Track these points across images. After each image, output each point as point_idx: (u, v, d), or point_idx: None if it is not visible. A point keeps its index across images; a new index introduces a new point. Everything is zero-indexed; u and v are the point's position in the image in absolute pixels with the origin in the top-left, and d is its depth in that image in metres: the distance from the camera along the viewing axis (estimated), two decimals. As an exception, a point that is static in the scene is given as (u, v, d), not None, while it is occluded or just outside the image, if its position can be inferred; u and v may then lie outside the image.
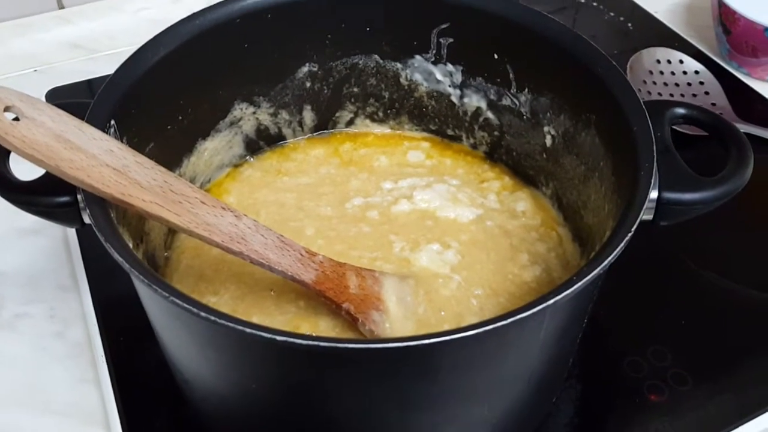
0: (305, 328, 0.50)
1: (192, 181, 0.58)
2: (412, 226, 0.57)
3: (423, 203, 0.59)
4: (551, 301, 0.34)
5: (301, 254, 0.47)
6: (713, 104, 0.80)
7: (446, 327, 0.50)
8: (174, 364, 0.46)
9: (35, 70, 0.83)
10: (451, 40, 0.58)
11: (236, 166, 0.62)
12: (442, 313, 0.51)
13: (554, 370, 0.46)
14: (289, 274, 0.46)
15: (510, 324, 0.33)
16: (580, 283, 0.34)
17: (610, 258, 0.36)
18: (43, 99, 0.76)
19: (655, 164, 0.41)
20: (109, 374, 0.55)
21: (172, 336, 0.42)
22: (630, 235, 0.37)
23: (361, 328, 0.48)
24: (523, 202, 0.59)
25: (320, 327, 0.50)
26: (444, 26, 0.57)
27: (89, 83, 0.80)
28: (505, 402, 0.43)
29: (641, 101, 0.45)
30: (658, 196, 0.43)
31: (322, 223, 0.57)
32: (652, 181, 0.40)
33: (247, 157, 0.63)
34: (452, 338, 0.32)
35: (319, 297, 0.48)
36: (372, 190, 0.60)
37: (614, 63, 0.48)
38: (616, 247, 0.36)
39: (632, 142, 0.43)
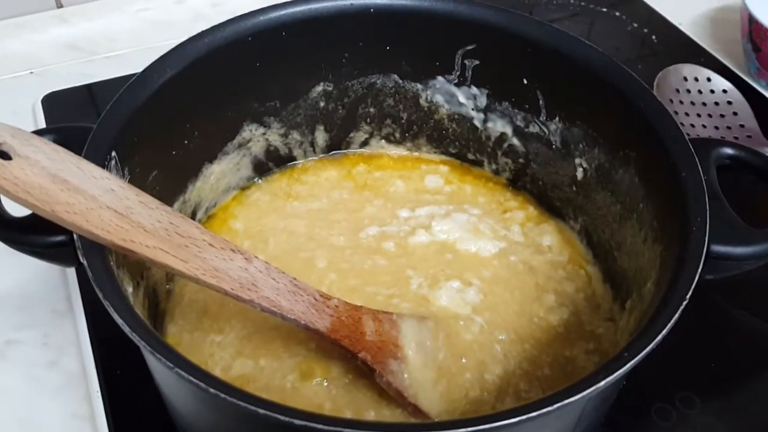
0: (317, 374, 0.47)
1: (197, 206, 0.55)
2: (430, 259, 0.54)
3: (442, 234, 0.55)
4: (602, 383, 0.30)
5: (315, 299, 0.44)
6: (741, 125, 0.76)
7: (468, 376, 0.47)
8: (175, 417, 0.43)
9: (31, 72, 0.79)
10: (477, 62, 0.54)
11: (243, 188, 0.59)
12: (464, 360, 0.48)
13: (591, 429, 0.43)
14: (303, 322, 0.42)
15: (555, 409, 0.30)
16: (633, 361, 0.31)
17: (665, 330, 0.32)
18: (39, 104, 0.73)
19: (707, 217, 0.38)
20: (104, 411, 0.51)
21: (177, 396, 0.38)
22: (685, 303, 0.33)
23: (378, 380, 0.44)
24: (549, 235, 0.56)
25: (332, 372, 0.47)
26: (470, 47, 0.53)
27: (88, 88, 0.76)
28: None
29: (689, 143, 0.42)
30: (707, 249, 0.39)
31: (335, 254, 0.54)
32: (707, 239, 0.37)
33: (256, 179, 0.59)
34: (499, 425, 0.29)
35: (333, 346, 0.45)
36: (388, 219, 0.57)
37: (658, 98, 0.44)
38: (671, 317, 0.33)
39: (680, 190, 0.40)
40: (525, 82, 0.53)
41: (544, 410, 0.29)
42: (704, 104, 0.77)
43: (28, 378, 0.54)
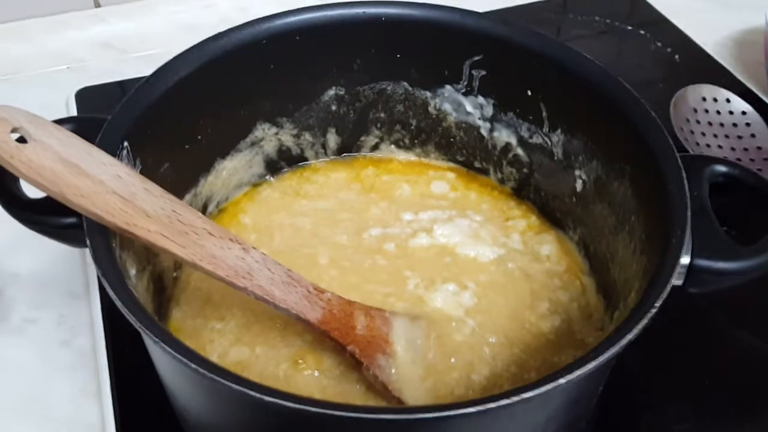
0: (309, 362, 0.48)
1: (208, 200, 0.57)
2: (429, 262, 0.55)
3: (443, 238, 0.57)
4: (562, 380, 0.31)
5: (309, 291, 0.46)
6: (759, 148, 0.76)
7: (455, 375, 0.49)
8: (176, 407, 0.45)
9: (68, 68, 0.82)
10: (483, 72, 0.56)
11: (255, 185, 0.61)
12: (452, 360, 0.49)
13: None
14: (294, 312, 0.44)
15: (515, 402, 0.31)
16: (595, 362, 0.32)
17: (630, 335, 0.33)
18: (73, 97, 0.77)
19: (688, 230, 0.39)
20: (110, 389, 0.54)
21: (177, 382, 0.40)
22: (653, 311, 0.34)
23: (365, 372, 0.46)
24: (548, 245, 0.56)
25: (324, 363, 0.48)
26: (477, 58, 0.55)
27: (119, 84, 0.79)
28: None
29: (678, 157, 0.43)
30: (690, 263, 0.40)
31: (337, 252, 0.56)
32: (683, 250, 0.37)
33: (267, 177, 0.61)
34: (458, 413, 0.30)
35: (323, 337, 0.46)
36: (391, 221, 0.58)
37: (653, 113, 0.45)
38: (636, 326, 0.34)
39: (665, 202, 0.41)
40: (529, 93, 0.54)
41: (507, 401, 0.30)
42: (722, 125, 0.77)
43: (42, 355, 0.57)
